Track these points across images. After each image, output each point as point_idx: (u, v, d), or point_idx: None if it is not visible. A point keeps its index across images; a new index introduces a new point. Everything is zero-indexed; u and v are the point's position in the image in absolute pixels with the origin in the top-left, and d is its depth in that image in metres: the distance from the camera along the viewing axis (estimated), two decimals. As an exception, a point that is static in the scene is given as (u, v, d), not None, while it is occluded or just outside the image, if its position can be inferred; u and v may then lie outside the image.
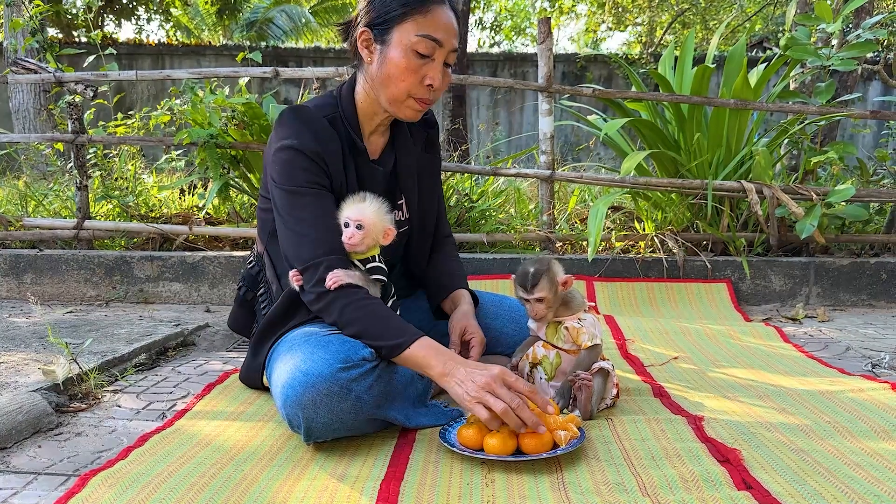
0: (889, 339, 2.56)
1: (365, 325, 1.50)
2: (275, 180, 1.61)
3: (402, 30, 1.55)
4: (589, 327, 1.67)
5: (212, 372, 2.13)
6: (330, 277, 1.51)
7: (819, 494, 1.25)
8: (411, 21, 1.55)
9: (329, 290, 1.51)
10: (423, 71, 1.58)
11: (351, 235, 1.55)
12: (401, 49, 1.56)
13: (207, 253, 3.30)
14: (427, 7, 1.55)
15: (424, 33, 1.55)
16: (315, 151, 1.59)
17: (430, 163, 1.88)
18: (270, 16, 15.71)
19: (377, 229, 1.57)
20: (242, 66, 3.55)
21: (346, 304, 1.51)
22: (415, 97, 1.61)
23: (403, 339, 1.47)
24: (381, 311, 1.53)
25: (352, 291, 1.52)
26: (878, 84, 10.48)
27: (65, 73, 3.53)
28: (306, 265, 1.55)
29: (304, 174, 1.58)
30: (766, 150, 3.28)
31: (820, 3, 3.20)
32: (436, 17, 1.56)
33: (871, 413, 1.67)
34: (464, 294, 1.85)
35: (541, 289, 1.62)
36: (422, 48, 1.55)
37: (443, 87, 1.63)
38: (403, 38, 1.55)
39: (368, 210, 1.56)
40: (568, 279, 1.66)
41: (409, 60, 1.56)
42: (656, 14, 13.00)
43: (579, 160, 8.36)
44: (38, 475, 1.40)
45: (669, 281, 3.19)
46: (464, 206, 3.56)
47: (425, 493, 1.29)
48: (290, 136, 1.59)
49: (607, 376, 1.68)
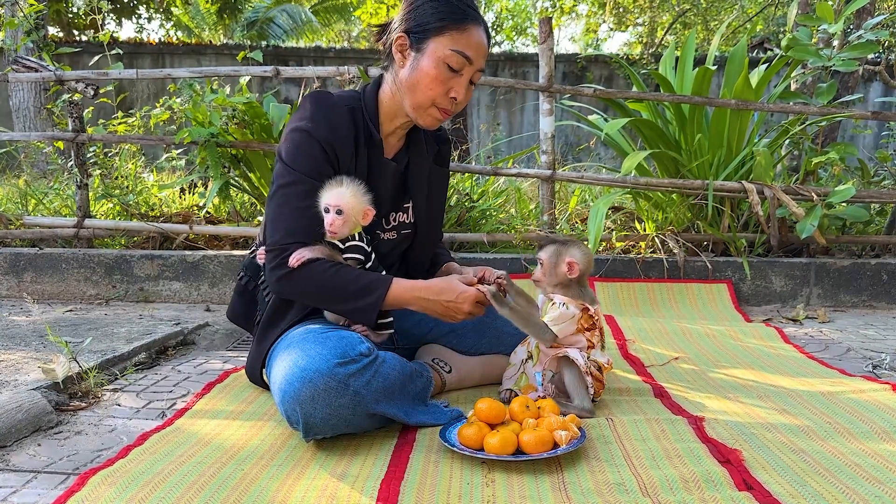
0: (890, 340, 2.56)
1: (335, 286, 1.57)
2: (282, 157, 1.65)
3: (437, 42, 1.61)
4: (562, 313, 1.67)
5: (212, 371, 2.13)
6: (294, 256, 1.56)
7: (819, 495, 1.25)
8: (448, 35, 1.61)
9: (292, 269, 1.56)
10: (450, 83, 1.64)
11: (332, 222, 1.58)
12: (434, 60, 1.62)
13: (208, 252, 3.30)
14: (465, 25, 1.62)
15: (458, 49, 1.61)
16: (326, 139, 1.62)
17: (439, 175, 1.92)
18: (271, 15, 15.70)
19: (356, 212, 1.61)
20: (243, 66, 3.55)
21: (312, 275, 1.57)
22: (438, 106, 1.66)
23: (381, 290, 1.58)
24: (350, 273, 1.59)
25: (316, 263, 1.57)
26: (879, 85, 10.47)
27: (65, 72, 3.53)
28: (273, 248, 1.61)
29: (309, 161, 1.62)
30: (767, 150, 3.28)
31: (821, 3, 3.20)
32: (471, 35, 1.62)
33: (872, 414, 1.67)
34: (453, 264, 1.96)
35: (544, 252, 1.75)
36: (453, 62, 1.61)
37: (465, 101, 1.69)
38: (438, 50, 1.61)
39: (347, 193, 1.59)
40: (573, 264, 1.70)
41: (439, 72, 1.62)
42: (657, 14, 13.00)
43: (580, 160, 8.36)
44: (38, 473, 1.40)
45: (670, 281, 3.18)
46: (464, 205, 3.56)
47: (425, 492, 1.28)
48: (306, 119, 1.64)
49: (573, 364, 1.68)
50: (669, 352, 2.33)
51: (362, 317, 1.60)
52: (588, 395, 1.66)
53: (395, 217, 1.82)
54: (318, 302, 1.64)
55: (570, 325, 1.68)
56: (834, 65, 3.21)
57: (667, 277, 3.21)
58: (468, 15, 1.63)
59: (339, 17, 16.69)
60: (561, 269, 1.71)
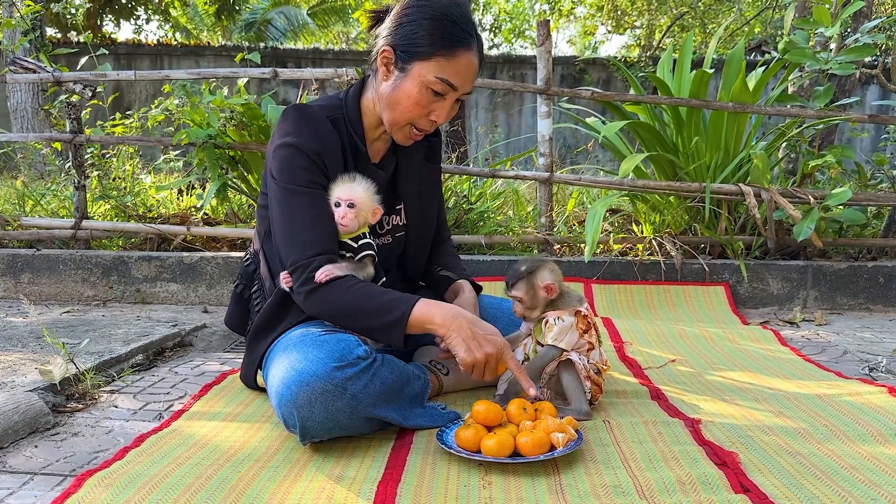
0: (886, 342, 2.57)
1: (359, 302, 1.53)
2: (274, 176, 1.63)
3: (424, 66, 1.56)
4: (560, 327, 1.67)
5: (209, 373, 2.13)
6: (321, 272, 1.53)
7: (816, 498, 1.25)
8: (435, 62, 1.55)
9: (320, 284, 1.53)
10: (431, 107, 1.61)
11: (343, 214, 1.58)
12: (417, 84, 1.57)
13: (205, 253, 3.30)
14: (454, 52, 1.55)
15: (444, 77, 1.56)
16: (315, 151, 1.60)
17: (431, 172, 1.89)
18: (269, 17, 15.71)
19: (367, 207, 1.62)
20: (241, 67, 3.55)
21: (339, 292, 1.54)
22: (416, 126, 1.64)
23: (406, 306, 1.51)
24: (376, 290, 1.56)
25: (343, 279, 1.55)
26: (876, 88, 10.50)
27: (63, 73, 3.52)
28: (296, 265, 1.57)
29: (302, 173, 1.60)
30: (765, 153, 3.28)
31: (818, 7, 3.20)
32: (459, 62, 1.56)
33: (868, 417, 1.67)
34: (463, 284, 1.88)
35: (517, 289, 1.70)
36: (438, 88, 1.57)
37: (447, 118, 1.65)
38: (423, 75, 1.56)
39: (359, 189, 1.60)
40: (551, 285, 1.68)
41: (421, 96, 1.58)
42: (655, 17, 13.01)
43: (578, 162, 8.37)
44: (35, 475, 1.39)
45: (667, 284, 3.19)
46: (462, 207, 3.56)
47: (422, 494, 1.28)
48: (291, 134, 1.61)
49: (572, 367, 1.68)
50: (666, 354, 2.33)
51: (389, 335, 1.53)
52: (585, 397, 1.66)
53: (389, 220, 1.81)
54: (343, 319, 1.57)
55: (572, 334, 1.68)
56: (831, 68, 3.22)
57: (664, 280, 3.21)
58: (460, 41, 1.56)
59: (337, 18, 16.68)
60: (541, 296, 1.69)
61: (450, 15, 1.55)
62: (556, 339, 1.66)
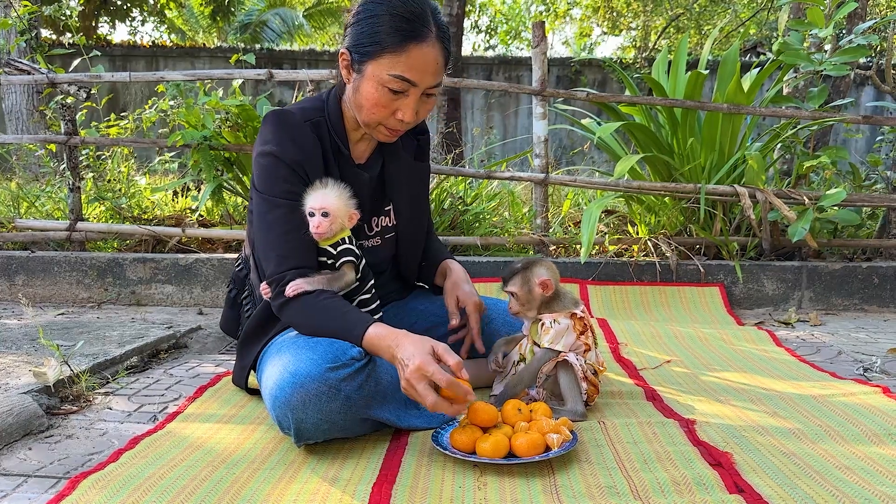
0: (881, 343, 2.57)
1: (319, 322, 1.52)
2: (254, 184, 1.63)
3: (376, 65, 1.51)
4: (557, 330, 1.68)
5: (204, 374, 2.13)
6: (290, 287, 1.53)
7: (810, 498, 1.25)
8: (386, 59, 1.50)
9: (289, 299, 1.53)
10: (394, 105, 1.55)
11: (318, 224, 1.56)
12: (374, 83, 1.52)
13: (200, 255, 3.29)
14: (404, 47, 1.49)
15: (397, 73, 1.50)
16: (295, 160, 1.58)
17: (419, 171, 1.87)
18: (265, 18, 15.71)
19: (342, 213, 1.58)
20: (236, 68, 3.55)
21: (300, 306, 1.53)
22: (387, 126, 1.60)
23: (358, 330, 1.47)
24: (336, 311, 1.53)
25: (310, 296, 1.54)
26: (870, 89, 10.53)
27: (58, 75, 3.51)
28: (271, 279, 1.58)
29: (281, 184, 1.58)
30: (759, 154, 3.29)
31: (812, 8, 3.21)
32: (412, 57, 1.49)
33: (863, 417, 1.68)
34: (450, 263, 1.90)
35: (512, 284, 1.71)
36: (394, 86, 1.51)
37: (422, 115, 1.61)
38: (376, 74, 1.51)
39: (331, 196, 1.57)
40: (546, 282, 1.69)
41: (380, 96, 1.53)
42: (651, 19, 13.05)
43: (573, 164, 8.38)
44: (29, 478, 1.39)
45: (662, 284, 3.19)
46: (458, 209, 3.56)
47: (417, 496, 1.28)
48: (270, 142, 1.59)
49: (570, 368, 1.68)
50: (661, 355, 2.34)
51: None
52: (581, 398, 1.67)
53: (378, 222, 1.80)
54: (312, 334, 1.56)
55: (569, 336, 1.68)
56: (825, 69, 3.23)
57: (659, 281, 3.22)
58: (409, 34, 1.49)
59: (332, 20, 16.69)
60: (536, 293, 1.69)
61: (396, 10, 1.50)
62: (552, 342, 1.67)
